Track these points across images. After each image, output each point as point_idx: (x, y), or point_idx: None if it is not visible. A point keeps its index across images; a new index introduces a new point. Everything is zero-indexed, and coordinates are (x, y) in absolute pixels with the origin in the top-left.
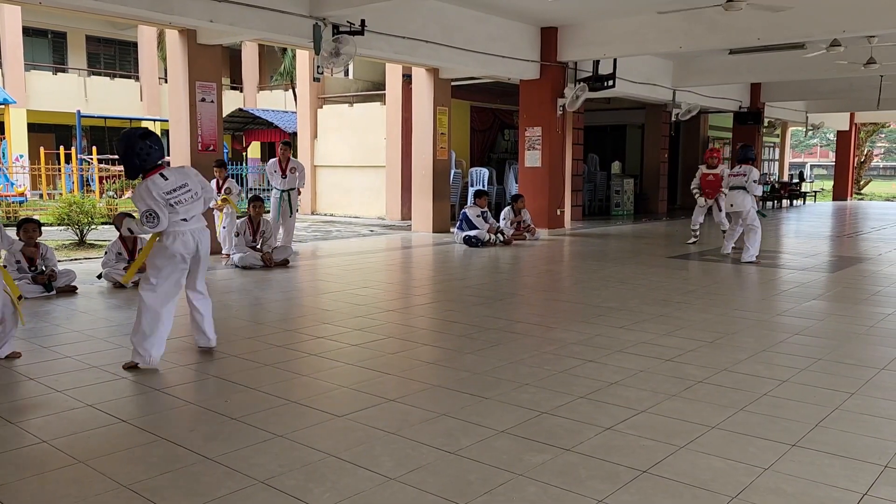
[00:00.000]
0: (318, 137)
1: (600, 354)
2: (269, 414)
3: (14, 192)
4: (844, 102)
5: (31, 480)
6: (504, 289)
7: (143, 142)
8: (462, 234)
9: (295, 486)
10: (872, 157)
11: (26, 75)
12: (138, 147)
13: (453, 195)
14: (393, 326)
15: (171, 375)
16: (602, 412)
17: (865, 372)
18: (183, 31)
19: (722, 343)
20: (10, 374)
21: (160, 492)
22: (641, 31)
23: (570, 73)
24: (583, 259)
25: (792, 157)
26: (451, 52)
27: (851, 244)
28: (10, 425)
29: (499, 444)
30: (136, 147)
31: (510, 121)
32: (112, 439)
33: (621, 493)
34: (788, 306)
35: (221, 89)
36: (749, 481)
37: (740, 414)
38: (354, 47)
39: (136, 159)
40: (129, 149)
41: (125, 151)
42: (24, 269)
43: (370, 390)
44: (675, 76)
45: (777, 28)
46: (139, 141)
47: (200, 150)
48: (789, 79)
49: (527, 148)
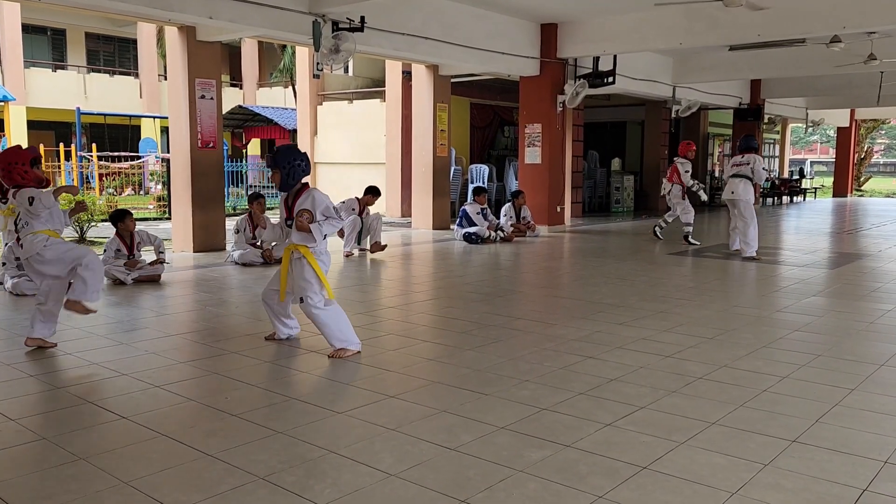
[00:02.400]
0: (317, 134)
1: (600, 351)
2: (269, 410)
3: None
4: (844, 99)
5: (31, 477)
6: (504, 285)
7: (304, 161)
8: (462, 231)
9: (295, 483)
10: (872, 153)
11: (26, 72)
12: (298, 161)
13: (453, 192)
14: (393, 323)
15: (171, 372)
16: (602, 408)
17: (865, 368)
18: (182, 27)
19: (722, 339)
20: (10, 372)
21: (160, 488)
22: (641, 27)
23: (569, 70)
24: (583, 256)
25: (792, 153)
26: (450, 48)
27: (851, 241)
28: (11, 422)
29: (499, 440)
30: (297, 161)
31: (510, 117)
32: (112, 436)
33: (621, 489)
34: (788, 303)
35: (221, 86)
36: (749, 477)
37: (740, 410)
38: (354, 44)
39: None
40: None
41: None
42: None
43: (370, 387)
44: (675, 73)
45: (777, 24)
46: (301, 160)
47: (200, 148)
48: (789, 75)
49: (527, 145)
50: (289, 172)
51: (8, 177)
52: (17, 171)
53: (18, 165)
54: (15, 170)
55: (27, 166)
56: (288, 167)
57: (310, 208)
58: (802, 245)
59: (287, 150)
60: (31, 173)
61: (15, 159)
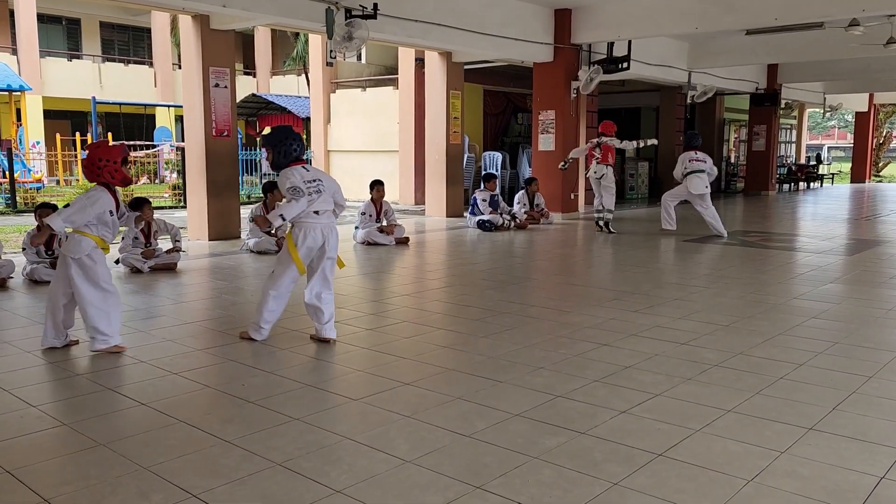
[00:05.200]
0: (330, 122)
1: (615, 338)
2: (285, 397)
3: (31, 179)
4: (863, 83)
5: (51, 462)
6: (518, 273)
7: (296, 142)
8: (475, 219)
9: (312, 469)
10: (892, 138)
11: (41, 62)
12: (290, 141)
13: (466, 179)
14: (407, 311)
15: (188, 359)
16: (617, 396)
17: (883, 355)
18: (196, 16)
19: (738, 327)
20: (29, 359)
21: (179, 474)
22: (656, 11)
23: (583, 56)
24: (596, 243)
25: (809, 139)
26: (463, 35)
27: (869, 227)
28: (31, 408)
29: (514, 427)
30: (289, 141)
31: (523, 104)
32: (131, 422)
33: (636, 475)
34: (805, 290)
35: (235, 75)
36: (765, 465)
37: (756, 398)
38: (367, 31)
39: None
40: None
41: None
42: (42, 254)
43: (385, 374)
44: (690, 58)
45: (795, 7)
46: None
47: (215, 136)
48: (807, 59)
49: (540, 132)
50: (279, 152)
51: (96, 173)
52: (107, 168)
53: (110, 164)
54: (106, 168)
55: (118, 165)
56: (279, 146)
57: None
58: (819, 231)
59: (280, 130)
60: (120, 173)
61: (107, 157)
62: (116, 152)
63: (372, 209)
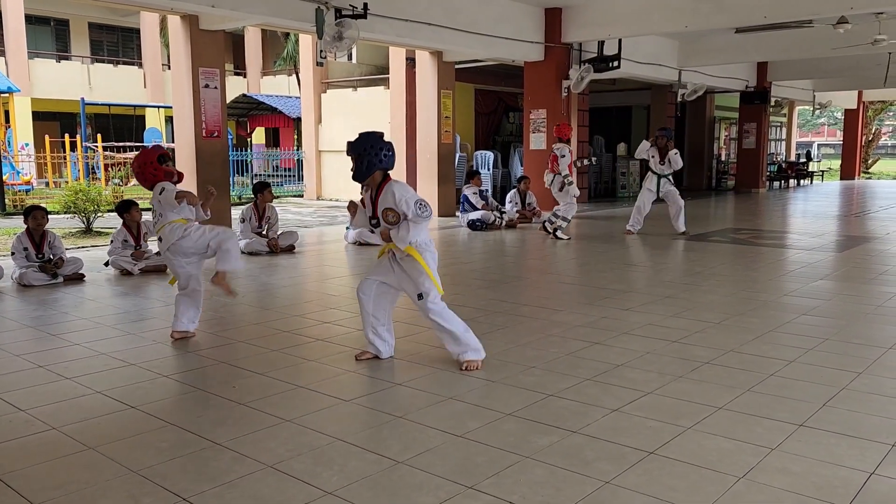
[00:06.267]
0: (322, 122)
1: (606, 336)
2: (276, 399)
3: (20, 181)
4: (852, 81)
5: (41, 467)
6: (509, 272)
7: (386, 148)
8: (467, 218)
9: (303, 470)
10: (881, 135)
11: (30, 63)
12: (384, 148)
13: (458, 179)
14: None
15: (179, 361)
16: (608, 394)
17: (873, 351)
18: (185, 16)
19: (729, 324)
20: (19, 362)
21: (170, 477)
22: (646, 10)
23: (574, 55)
24: (588, 241)
25: (799, 136)
26: (454, 34)
27: (859, 223)
28: (21, 412)
29: (505, 426)
30: (379, 145)
31: (515, 103)
32: (121, 425)
33: (628, 474)
34: (795, 286)
35: (225, 75)
36: (756, 461)
37: (747, 394)
38: (357, 31)
39: (367, 168)
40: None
41: (368, 146)
42: (31, 258)
43: (377, 374)
44: (680, 56)
45: (784, 5)
46: (384, 146)
47: (205, 137)
48: (796, 57)
49: (532, 130)
50: (364, 161)
51: (143, 178)
52: (147, 170)
53: (148, 165)
54: (146, 169)
55: (155, 163)
56: (365, 155)
57: (392, 206)
58: (809, 229)
59: (367, 136)
60: (160, 169)
61: (143, 160)
62: (152, 153)
63: None
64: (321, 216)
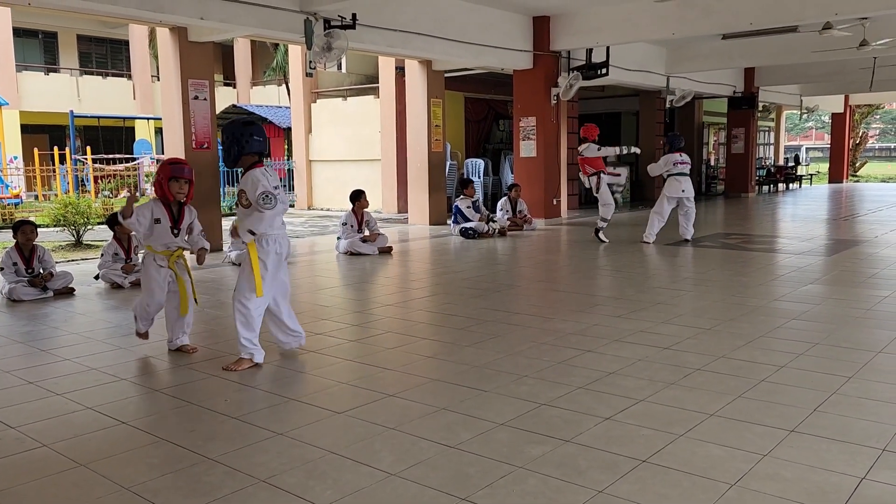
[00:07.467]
0: (312, 132)
1: (598, 344)
2: (268, 412)
3: (9, 194)
4: (838, 85)
5: (32, 485)
6: (501, 280)
7: (246, 129)
8: (458, 227)
9: (296, 484)
10: (868, 138)
11: (18, 76)
12: (239, 133)
13: (449, 187)
14: (391, 321)
15: (171, 376)
16: (601, 402)
17: (863, 355)
18: (174, 28)
19: (719, 330)
20: (9, 379)
21: (161, 493)
22: (634, 17)
23: (563, 62)
24: (579, 248)
25: (787, 140)
26: (443, 43)
27: (848, 227)
28: (11, 430)
29: (498, 436)
30: (238, 133)
31: (505, 111)
32: (112, 441)
33: (621, 482)
34: (785, 291)
35: (214, 86)
36: (748, 468)
37: (738, 401)
38: (346, 41)
39: (236, 146)
40: (232, 135)
41: (228, 139)
42: (21, 272)
43: (369, 386)
44: (668, 62)
45: (769, 11)
46: (241, 128)
47: (195, 148)
48: (783, 63)
49: (522, 138)
50: (234, 147)
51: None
52: (156, 183)
53: (157, 178)
54: (155, 182)
55: (164, 181)
56: (234, 141)
57: (245, 189)
58: (799, 233)
59: (235, 122)
60: (161, 189)
61: (159, 173)
62: (165, 169)
63: (353, 219)
64: (312, 226)
